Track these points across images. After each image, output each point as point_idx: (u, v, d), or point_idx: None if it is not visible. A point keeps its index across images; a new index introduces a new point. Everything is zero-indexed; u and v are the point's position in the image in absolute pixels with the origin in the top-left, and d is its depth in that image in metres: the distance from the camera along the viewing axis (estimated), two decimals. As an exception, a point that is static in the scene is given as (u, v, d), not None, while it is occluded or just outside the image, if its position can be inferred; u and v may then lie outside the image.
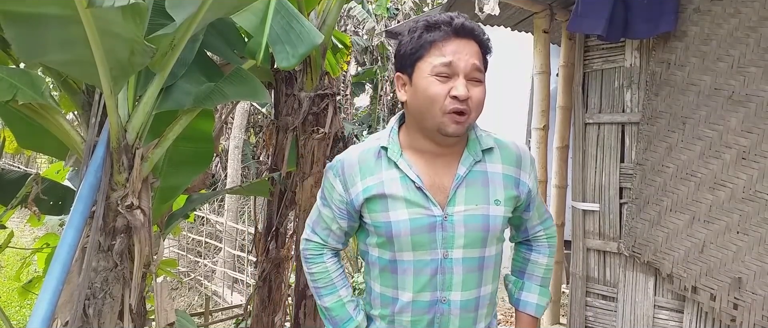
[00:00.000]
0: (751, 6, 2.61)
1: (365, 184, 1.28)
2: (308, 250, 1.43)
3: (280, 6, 1.83)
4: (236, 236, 8.90)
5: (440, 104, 1.20)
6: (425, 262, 1.27)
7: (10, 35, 1.28)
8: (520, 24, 4.28)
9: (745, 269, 2.60)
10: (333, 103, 2.41)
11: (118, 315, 1.64)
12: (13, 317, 7.21)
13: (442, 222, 1.26)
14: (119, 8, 1.14)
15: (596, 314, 3.28)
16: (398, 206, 1.26)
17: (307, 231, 1.45)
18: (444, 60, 1.19)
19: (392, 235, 1.26)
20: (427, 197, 1.26)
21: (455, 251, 1.26)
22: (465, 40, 1.22)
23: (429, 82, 1.20)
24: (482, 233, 1.28)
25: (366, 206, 1.29)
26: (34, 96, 1.47)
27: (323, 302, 1.40)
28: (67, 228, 1.49)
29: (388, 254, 1.30)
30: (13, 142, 2.85)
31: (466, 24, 1.23)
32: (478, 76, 1.22)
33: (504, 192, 1.31)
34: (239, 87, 1.84)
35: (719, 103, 2.70)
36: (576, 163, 3.35)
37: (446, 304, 1.28)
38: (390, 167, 1.28)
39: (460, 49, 1.21)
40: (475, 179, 1.29)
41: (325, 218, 1.39)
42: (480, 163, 1.31)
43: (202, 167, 2.31)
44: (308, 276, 1.44)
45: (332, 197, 1.35)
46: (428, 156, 1.30)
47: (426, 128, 1.26)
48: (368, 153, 1.31)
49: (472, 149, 1.31)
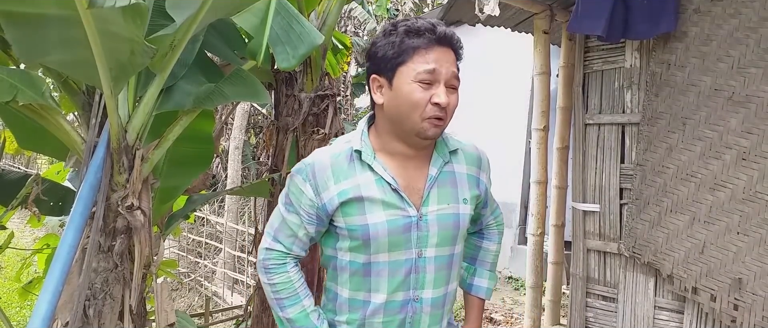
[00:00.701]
0: (751, 7, 2.61)
1: (340, 187, 1.27)
2: (270, 260, 1.35)
3: (281, 7, 1.84)
4: (236, 236, 8.89)
5: (421, 110, 1.22)
6: (400, 262, 1.29)
7: (10, 36, 1.29)
8: (520, 25, 4.28)
9: (746, 270, 2.60)
10: (333, 103, 2.40)
11: (119, 316, 1.64)
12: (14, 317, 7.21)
13: (417, 222, 1.29)
14: (120, 9, 1.14)
15: (596, 314, 3.27)
16: (375, 208, 1.26)
17: (267, 240, 1.37)
18: (428, 67, 1.22)
19: (369, 237, 1.27)
20: (403, 198, 1.28)
21: (429, 249, 1.30)
22: (446, 48, 1.26)
23: (412, 88, 1.22)
24: (453, 230, 1.33)
25: (340, 210, 1.27)
26: (34, 97, 1.47)
27: (285, 314, 1.33)
28: (67, 229, 1.49)
29: (362, 258, 1.30)
30: (13, 143, 2.85)
31: (447, 32, 1.26)
32: (455, 83, 1.26)
33: (469, 191, 1.37)
34: (239, 88, 1.84)
35: (719, 104, 2.70)
36: (576, 163, 3.35)
37: (418, 302, 1.31)
38: (364, 170, 1.29)
39: (442, 58, 1.24)
40: (445, 179, 1.34)
41: (290, 225, 1.33)
42: (448, 164, 1.35)
43: (203, 167, 2.31)
44: (268, 287, 1.35)
45: (300, 202, 1.30)
46: (400, 158, 1.32)
47: (403, 132, 1.28)
48: (340, 156, 1.31)
49: (441, 151, 1.35)
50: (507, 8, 3.80)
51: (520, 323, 5.07)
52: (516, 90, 7.01)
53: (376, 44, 1.30)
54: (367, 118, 1.38)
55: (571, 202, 3.46)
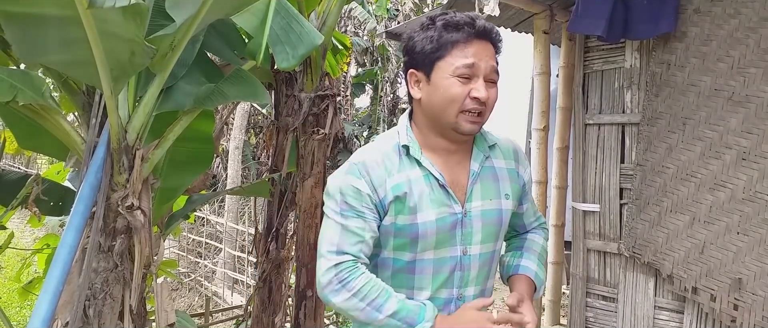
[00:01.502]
0: (751, 7, 2.61)
1: (393, 182, 1.25)
2: (343, 271, 1.21)
3: (280, 7, 1.84)
4: (236, 236, 8.90)
5: (460, 104, 1.21)
6: (445, 259, 1.27)
7: (10, 36, 1.29)
8: (520, 25, 4.28)
9: (746, 270, 2.60)
10: (333, 104, 2.40)
11: (119, 316, 1.64)
12: (14, 317, 7.21)
13: (461, 219, 1.27)
14: (120, 9, 1.14)
15: (596, 314, 3.27)
16: (424, 205, 1.25)
17: (330, 257, 1.23)
18: (467, 62, 1.20)
19: (418, 235, 1.25)
20: (450, 194, 1.27)
21: (473, 246, 1.29)
22: (485, 41, 1.24)
23: (451, 82, 1.21)
24: (496, 227, 1.32)
25: (392, 207, 1.24)
26: (34, 97, 1.47)
27: (386, 312, 1.20)
28: (67, 229, 1.49)
29: (407, 255, 1.27)
30: (13, 143, 2.85)
31: (486, 26, 1.24)
32: (494, 77, 1.25)
33: (510, 186, 1.35)
34: (239, 88, 1.84)
35: (719, 104, 2.70)
36: (576, 163, 3.35)
37: (462, 300, 1.30)
38: (412, 166, 1.27)
39: (481, 51, 1.22)
40: (486, 174, 1.32)
41: (354, 231, 1.23)
42: (488, 159, 1.34)
43: (203, 167, 2.31)
44: (354, 299, 1.19)
45: (362, 202, 1.23)
46: (443, 154, 1.30)
47: (441, 126, 1.27)
48: (390, 151, 1.29)
49: (481, 146, 1.34)
50: (507, 8, 3.80)
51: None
52: (516, 90, 7.01)
53: (413, 38, 1.28)
54: (407, 113, 1.37)
55: (571, 202, 3.46)
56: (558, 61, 4.00)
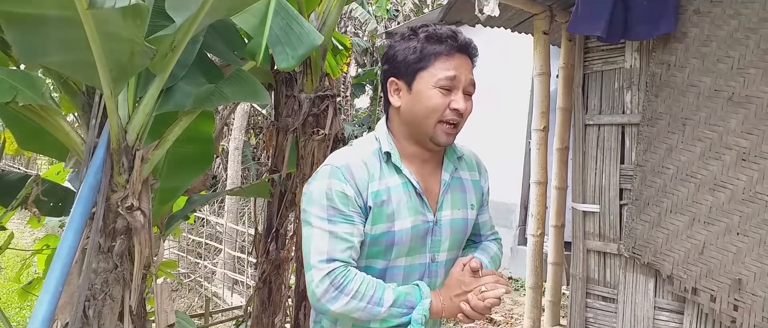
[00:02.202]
0: (751, 7, 2.62)
1: (374, 188, 1.25)
2: (336, 277, 1.19)
3: (280, 7, 1.84)
4: (236, 237, 8.89)
5: (439, 115, 1.24)
6: (415, 266, 1.31)
7: (10, 36, 1.29)
8: (520, 25, 4.29)
9: (745, 271, 2.60)
10: (333, 104, 2.40)
11: (118, 316, 1.64)
12: (13, 318, 7.21)
13: (432, 227, 1.31)
14: (120, 9, 1.14)
15: (596, 315, 3.27)
16: (402, 213, 1.26)
17: (321, 266, 1.20)
18: (449, 74, 1.23)
19: (394, 242, 1.26)
20: (424, 202, 1.30)
21: (441, 254, 1.33)
22: (465, 55, 1.28)
23: (433, 93, 1.24)
24: (462, 235, 1.38)
25: (371, 214, 1.24)
26: (34, 97, 1.47)
27: (386, 303, 1.20)
28: (67, 229, 1.49)
29: (380, 263, 1.28)
30: (13, 144, 2.85)
31: (467, 40, 1.29)
32: (471, 90, 1.29)
33: (475, 197, 1.41)
34: (239, 88, 1.84)
35: (719, 105, 2.70)
36: (576, 164, 3.35)
37: None
38: (392, 173, 1.29)
39: (462, 65, 1.26)
40: (456, 185, 1.37)
41: (343, 236, 1.21)
42: (457, 170, 1.39)
43: (203, 168, 2.31)
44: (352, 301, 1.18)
45: (348, 205, 1.22)
46: (417, 162, 1.33)
47: (418, 135, 1.29)
48: (371, 157, 1.29)
49: (451, 157, 1.38)
50: (507, 9, 3.80)
51: (520, 323, 5.06)
52: (516, 91, 7.01)
53: (394, 47, 1.30)
54: (384, 120, 1.37)
55: (570, 202, 3.46)
56: (558, 62, 4.00)
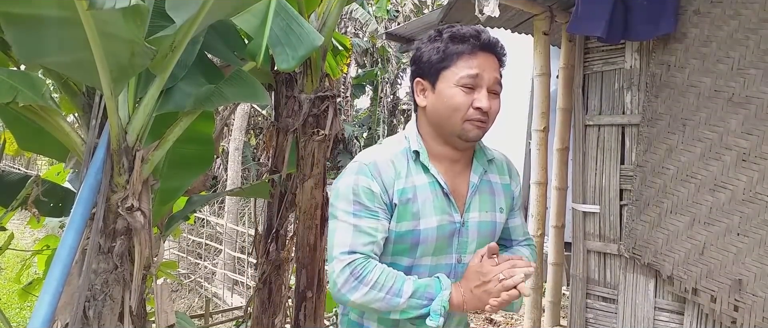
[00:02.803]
0: (751, 8, 2.62)
1: (399, 186, 1.27)
2: (357, 268, 1.20)
3: (280, 8, 1.84)
4: (236, 237, 8.89)
5: (463, 114, 1.25)
6: (441, 266, 1.31)
7: (10, 37, 1.29)
8: (520, 26, 4.29)
9: (746, 271, 2.60)
10: (333, 105, 2.40)
11: (119, 317, 1.64)
12: (14, 318, 7.21)
13: (459, 228, 1.31)
14: (120, 10, 1.14)
15: (596, 316, 3.27)
16: (428, 212, 1.27)
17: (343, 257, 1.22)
18: (471, 72, 1.24)
19: (419, 241, 1.27)
20: (452, 203, 1.31)
21: (468, 255, 1.32)
22: (489, 54, 1.28)
23: (454, 91, 1.25)
24: (490, 238, 1.35)
25: (396, 211, 1.26)
26: (34, 98, 1.47)
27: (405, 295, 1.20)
28: (67, 230, 1.49)
29: (406, 261, 1.30)
30: (13, 144, 2.86)
31: (491, 39, 1.29)
32: (497, 89, 1.29)
33: (504, 201, 1.40)
34: (239, 89, 1.84)
35: (719, 105, 2.70)
36: (576, 164, 3.35)
37: None
38: (419, 172, 1.30)
39: (486, 63, 1.26)
40: (484, 187, 1.37)
41: (367, 231, 1.23)
42: (486, 173, 1.38)
43: (203, 168, 2.31)
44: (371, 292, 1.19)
45: (374, 201, 1.24)
46: (446, 163, 1.34)
47: (445, 134, 1.30)
48: (399, 155, 1.31)
49: (480, 159, 1.38)
50: (507, 9, 3.80)
51: (520, 324, 5.06)
52: (516, 91, 7.01)
53: (420, 49, 1.33)
54: (413, 120, 1.40)
55: (571, 203, 3.46)
56: (558, 62, 4.00)
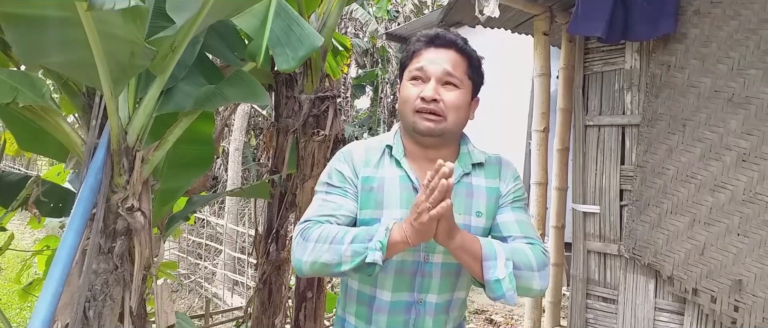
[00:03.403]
0: (751, 8, 2.62)
1: (365, 173, 1.33)
2: (305, 230, 1.26)
3: (280, 9, 1.84)
4: (236, 238, 8.90)
5: (411, 104, 1.31)
6: (407, 263, 1.31)
7: (10, 37, 1.29)
8: (521, 26, 4.29)
9: (746, 272, 2.60)
10: (333, 105, 2.40)
11: (119, 317, 1.64)
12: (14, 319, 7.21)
13: None
14: (120, 10, 1.14)
15: (597, 316, 3.27)
16: (393, 203, 1.30)
17: (299, 227, 1.29)
18: (418, 65, 1.32)
19: None
20: None
21: (436, 255, 1.32)
22: (442, 49, 1.33)
23: (406, 85, 1.33)
24: None
25: (360, 198, 1.32)
26: (34, 98, 1.47)
27: (347, 241, 1.20)
28: (67, 230, 1.49)
29: None
30: (13, 145, 2.85)
31: (441, 34, 1.34)
32: (451, 80, 1.31)
33: (486, 204, 1.36)
34: (240, 89, 1.84)
35: (719, 106, 2.70)
36: (576, 165, 3.35)
37: (422, 305, 1.33)
38: (392, 166, 1.34)
39: (436, 57, 1.32)
40: (460, 189, 1.35)
41: (330, 205, 1.30)
42: (467, 175, 1.36)
43: (203, 169, 2.31)
44: (317, 243, 1.22)
45: (343, 181, 1.33)
46: (422, 162, 1.35)
47: (407, 129, 1.35)
48: (374, 148, 1.38)
49: (463, 162, 1.37)
50: (507, 10, 3.80)
51: (521, 324, 5.06)
52: (516, 92, 7.01)
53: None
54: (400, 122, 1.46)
55: (571, 203, 3.45)
56: (558, 63, 4.00)
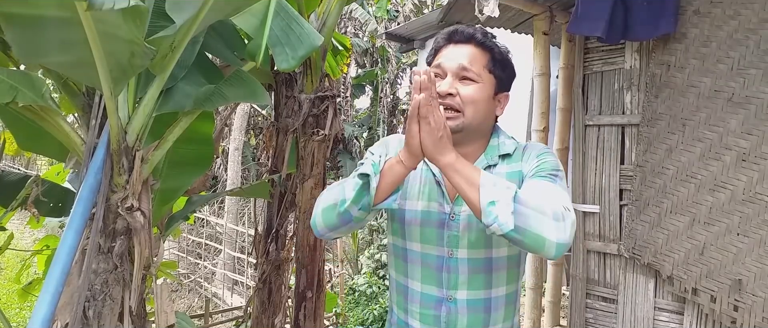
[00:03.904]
0: (751, 8, 2.62)
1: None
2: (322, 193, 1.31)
3: (280, 8, 1.83)
4: (236, 237, 8.90)
5: None
6: (431, 257, 1.32)
7: (10, 37, 1.28)
8: (520, 26, 4.29)
9: (746, 271, 2.60)
10: (333, 105, 2.40)
11: (118, 317, 1.64)
12: (13, 319, 7.21)
13: (448, 220, 1.30)
14: (119, 10, 1.14)
15: (596, 316, 3.27)
16: (414, 194, 1.34)
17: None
18: (437, 62, 1.33)
19: (405, 221, 1.34)
20: (443, 192, 1.32)
21: (460, 250, 1.30)
22: (460, 44, 1.33)
23: None
24: (484, 234, 1.29)
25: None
26: (34, 98, 1.47)
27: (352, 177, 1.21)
28: (67, 230, 1.49)
29: (400, 242, 1.37)
30: (13, 144, 2.85)
31: (460, 29, 1.35)
32: (466, 74, 1.30)
33: None
34: (239, 89, 1.84)
35: (719, 105, 2.70)
36: (576, 165, 3.35)
37: (453, 302, 1.31)
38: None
39: (452, 53, 1.32)
40: None
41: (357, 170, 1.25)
42: (493, 167, 1.34)
43: (203, 168, 2.31)
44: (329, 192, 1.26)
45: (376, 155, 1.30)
46: None
47: None
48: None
49: (489, 153, 1.35)
50: (507, 9, 3.80)
51: (520, 324, 5.06)
52: (516, 91, 7.00)
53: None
54: None
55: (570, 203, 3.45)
56: (558, 63, 4.00)
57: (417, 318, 1.35)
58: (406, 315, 1.38)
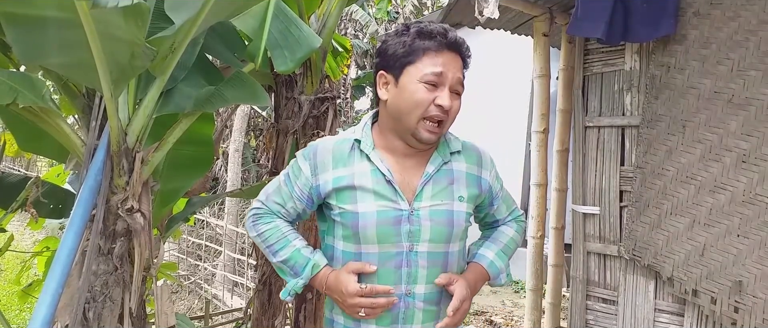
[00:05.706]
0: (751, 9, 2.62)
1: (336, 173, 1.32)
2: (256, 215, 1.42)
3: (279, 10, 1.84)
4: (236, 239, 8.89)
5: (423, 110, 1.26)
6: (390, 255, 1.30)
7: (10, 38, 1.29)
8: (520, 27, 4.29)
9: (746, 273, 2.60)
10: (333, 106, 2.41)
11: (118, 319, 1.64)
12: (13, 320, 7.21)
13: (408, 216, 1.30)
14: (120, 10, 1.14)
15: (597, 317, 3.27)
16: (367, 197, 1.30)
17: (260, 199, 1.43)
18: (436, 70, 1.25)
19: (358, 226, 1.29)
20: (396, 190, 1.30)
21: (421, 244, 1.31)
22: (455, 53, 1.29)
23: (418, 87, 1.26)
24: (447, 227, 1.33)
25: (335, 196, 1.32)
26: (34, 99, 1.47)
27: (279, 258, 1.37)
28: (67, 231, 1.49)
29: (353, 247, 1.33)
30: (13, 145, 2.85)
31: (458, 39, 1.30)
32: (459, 89, 1.30)
33: (467, 190, 1.37)
34: (239, 90, 1.83)
35: (719, 107, 2.70)
36: (576, 166, 3.35)
37: (411, 297, 1.32)
38: (362, 160, 1.33)
39: (450, 62, 1.27)
40: (441, 176, 1.35)
41: (282, 194, 1.40)
42: (447, 163, 1.37)
43: (203, 170, 2.31)
44: (259, 239, 1.40)
45: (297, 178, 1.36)
46: (399, 155, 1.35)
47: (402, 129, 1.31)
48: (342, 144, 1.36)
49: (442, 151, 1.37)
50: (507, 11, 3.80)
51: (520, 325, 5.06)
52: (516, 93, 7.02)
53: (386, 42, 1.33)
54: (371, 113, 1.42)
55: (571, 204, 3.45)
56: (558, 64, 4.00)
57: (371, 321, 1.31)
58: (359, 322, 1.33)
